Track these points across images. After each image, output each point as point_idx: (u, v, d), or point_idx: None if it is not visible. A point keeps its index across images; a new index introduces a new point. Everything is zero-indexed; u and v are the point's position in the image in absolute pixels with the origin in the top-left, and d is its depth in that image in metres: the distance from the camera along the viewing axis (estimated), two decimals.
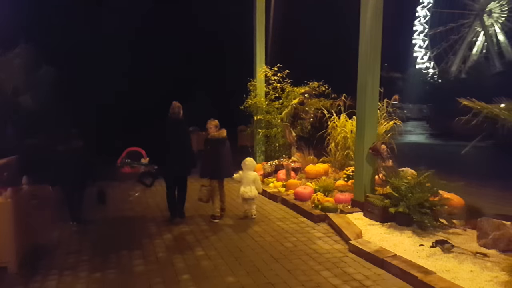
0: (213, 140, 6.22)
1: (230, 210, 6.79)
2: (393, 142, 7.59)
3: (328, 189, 6.88)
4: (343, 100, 8.78)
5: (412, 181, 5.62)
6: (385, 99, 7.99)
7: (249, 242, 5.23)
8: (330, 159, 8.71)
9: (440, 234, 4.95)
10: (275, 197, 7.37)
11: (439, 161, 7.51)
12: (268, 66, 10.17)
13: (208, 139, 6.27)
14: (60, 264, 4.56)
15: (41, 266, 4.50)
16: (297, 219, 6.20)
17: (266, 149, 10.42)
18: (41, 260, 4.69)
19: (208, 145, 6.25)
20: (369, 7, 6.01)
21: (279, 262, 4.51)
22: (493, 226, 4.42)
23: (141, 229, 5.91)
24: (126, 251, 4.96)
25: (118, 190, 8.64)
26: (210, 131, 6.28)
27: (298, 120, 9.01)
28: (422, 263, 4.08)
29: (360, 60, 6.23)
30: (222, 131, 6.31)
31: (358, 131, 6.39)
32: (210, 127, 6.30)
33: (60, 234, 5.73)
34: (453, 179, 5.73)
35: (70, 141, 6.09)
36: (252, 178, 6.40)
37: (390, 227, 5.35)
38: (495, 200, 6.95)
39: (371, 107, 6.23)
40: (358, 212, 6.05)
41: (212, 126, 6.29)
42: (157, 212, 6.85)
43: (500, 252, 4.24)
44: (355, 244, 4.76)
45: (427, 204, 5.27)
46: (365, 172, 6.18)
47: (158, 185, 8.48)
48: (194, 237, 5.47)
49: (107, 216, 6.71)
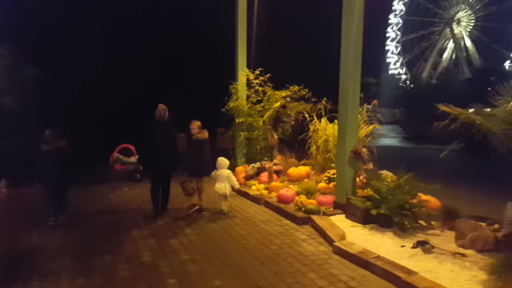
0: (196, 141, 6.59)
1: (215, 213, 6.81)
2: (373, 146, 7.78)
3: (310, 192, 6.98)
4: (324, 104, 8.93)
5: (392, 183, 5.78)
6: (365, 103, 8.19)
7: (235, 245, 5.24)
8: (311, 162, 8.84)
9: (420, 235, 5.11)
10: (258, 200, 7.41)
11: (413, 163, 7.74)
12: (250, 70, 10.23)
13: (192, 140, 6.60)
14: (41, 270, 4.44)
15: (20, 272, 4.36)
16: (281, 222, 6.26)
17: (247, 152, 10.47)
18: (21, 266, 4.55)
19: (192, 145, 6.64)
20: (350, 14, 6.14)
21: (265, 265, 4.55)
22: (470, 227, 4.60)
23: (123, 233, 5.81)
24: (109, 256, 4.87)
25: (97, 193, 8.50)
26: (193, 132, 6.62)
27: (280, 123, 9.10)
28: (405, 263, 4.21)
29: (341, 66, 6.35)
30: (204, 132, 6.70)
31: (340, 135, 6.51)
32: (194, 127, 6.65)
33: (40, 238, 5.57)
34: (428, 182, 5.92)
35: (54, 141, 6.26)
36: (226, 175, 6.78)
37: (372, 228, 5.48)
38: (467, 202, 7.23)
39: (353, 111, 6.37)
40: (340, 214, 6.16)
41: (195, 127, 6.64)
42: (138, 215, 6.76)
43: (477, 252, 4.42)
44: (339, 246, 4.85)
45: (407, 206, 5.43)
46: (346, 175, 6.31)
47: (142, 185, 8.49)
48: (178, 241, 5.43)
49: (87, 219, 6.58)
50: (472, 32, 59.38)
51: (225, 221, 6.33)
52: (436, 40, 61.64)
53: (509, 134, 4.37)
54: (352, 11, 6.11)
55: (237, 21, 10.41)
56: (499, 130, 4.45)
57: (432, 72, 58.22)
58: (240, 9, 10.38)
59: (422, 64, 61.81)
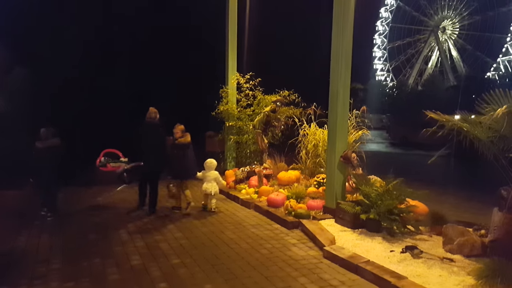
0: (179, 145, 6.85)
1: (203, 216, 6.80)
2: (362, 151, 7.87)
3: (300, 196, 7.01)
4: (314, 109, 9.00)
5: (381, 188, 5.86)
6: (354, 109, 8.28)
7: (225, 249, 5.24)
8: (300, 166, 8.88)
9: (408, 240, 5.19)
10: (248, 204, 7.41)
11: (400, 169, 7.85)
12: (241, 74, 10.26)
13: (175, 144, 6.86)
14: (29, 274, 4.36)
15: (8, 276, 4.28)
16: (271, 226, 6.28)
17: (237, 155, 10.48)
18: (9, 270, 4.48)
19: (175, 149, 6.87)
20: (340, 26, 6.22)
21: (256, 269, 4.55)
22: (458, 232, 4.69)
23: (112, 236, 5.75)
24: (98, 259, 4.82)
25: (85, 195, 8.39)
26: (177, 136, 6.88)
27: (270, 127, 9.14)
28: (394, 268, 4.26)
29: (332, 74, 6.42)
30: (187, 136, 6.92)
31: (329, 140, 6.57)
32: (177, 132, 6.89)
33: (28, 241, 5.48)
34: (415, 187, 6.01)
35: (48, 139, 6.60)
36: (213, 176, 7.14)
37: (361, 233, 5.54)
38: (453, 207, 7.34)
39: (342, 117, 6.44)
40: (330, 218, 6.21)
41: (179, 131, 6.89)
42: (127, 218, 6.71)
43: (465, 257, 4.50)
44: (329, 250, 4.89)
45: (395, 211, 5.51)
46: (336, 180, 6.36)
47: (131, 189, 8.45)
48: (168, 244, 5.40)
49: (76, 221, 6.51)
50: (457, 40, 60.65)
51: (216, 225, 6.32)
52: (422, 48, 62.74)
53: (495, 141, 4.49)
54: (343, 24, 6.20)
55: (227, 25, 10.46)
56: (486, 137, 4.56)
57: (418, 79, 59.24)
58: (231, 13, 10.43)
59: (408, 71, 62.83)
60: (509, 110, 4.07)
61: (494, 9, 55.15)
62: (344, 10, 6.18)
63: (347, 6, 6.18)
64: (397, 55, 63.50)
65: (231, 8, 10.41)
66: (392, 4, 61.30)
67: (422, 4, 60.88)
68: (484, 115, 4.44)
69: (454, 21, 60.24)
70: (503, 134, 4.35)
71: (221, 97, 10.44)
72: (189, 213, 6.92)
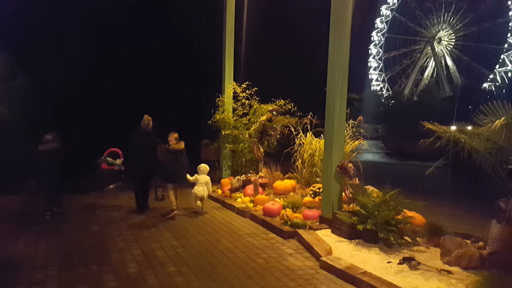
0: (173, 151, 7.25)
1: (201, 226, 6.76)
2: (358, 161, 7.86)
3: (296, 205, 6.97)
4: (310, 118, 9.01)
5: (378, 199, 5.84)
6: (351, 119, 8.30)
7: (221, 258, 5.18)
8: (296, 176, 8.85)
9: (405, 252, 5.16)
10: (244, 213, 7.37)
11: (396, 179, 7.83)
12: (237, 83, 10.28)
13: (169, 150, 7.27)
14: (27, 280, 4.31)
15: (6, 282, 4.24)
16: (267, 235, 6.23)
17: (232, 164, 10.45)
18: (6, 276, 4.43)
19: (169, 155, 7.28)
20: (338, 39, 6.26)
21: (252, 279, 4.50)
22: (456, 244, 4.67)
23: (109, 243, 5.70)
24: (95, 266, 4.77)
25: (83, 202, 8.36)
26: (171, 143, 7.28)
27: (266, 136, 9.12)
28: (392, 279, 4.23)
29: (328, 83, 6.43)
30: (180, 143, 7.33)
31: (326, 150, 6.56)
32: (171, 139, 7.30)
33: (26, 247, 5.44)
34: (411, 198, 5.99)
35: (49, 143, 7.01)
36: (205, 181, 7.58)
37: (358, 244, 5.50)
38: (449, 218, 7.32)
39: (339, 127, 6.43)
40: (326, 228, 6.17)
41: (173, 139, 7.30)
42: (124, 225, 6.65)
43: (462, 269, 4.47)
44: (326, 261, 4.85)
45: (392, 221, 5.48)
46: (333, 190, 6.34)
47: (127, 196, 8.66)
48: (165, 252, 5.34)
49: (73, 228, 6.47)
50: (452, 51, 61.22)
51: (212, 234, 6.26)
52: (418, 58, 63.27)
53: (493, 153, 4.49)
54: (340, 36, 6.23)
55: (224, 35, 10.51)
56: (484, 148, 4.57)
57: (413, 89, 59.60)
58: (228, 23, 10.49)
59: (403, 81, 63.24)
60: (507, 122, 4.08)
61: (490, 20, 55.88)
62: (341, 21, 6.22)
63: (344, 17, 6.22)
64: (393, 65, 63.94)
65: (228, 17, 10.47)
66: (387, 15, 61.90)
67: (417, 15, 61.54)
68: (481, 126, 4.45)
69: (450, 32, 60.90)
70: (501, 145, 4.36)
71: (217, 106, 10.44)
72: (174, 218, 7.11)
